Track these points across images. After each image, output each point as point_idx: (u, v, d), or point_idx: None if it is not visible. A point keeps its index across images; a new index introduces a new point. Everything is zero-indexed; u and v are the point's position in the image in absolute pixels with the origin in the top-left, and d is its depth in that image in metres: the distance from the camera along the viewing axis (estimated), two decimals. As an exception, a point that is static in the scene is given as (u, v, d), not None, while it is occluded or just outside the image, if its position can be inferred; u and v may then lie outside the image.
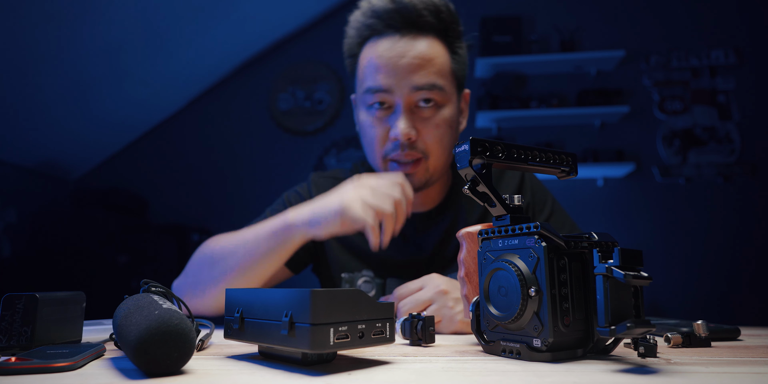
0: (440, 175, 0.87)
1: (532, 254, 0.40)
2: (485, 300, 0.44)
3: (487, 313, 0.44)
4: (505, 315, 0.41)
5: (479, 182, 0.45)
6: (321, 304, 0.36)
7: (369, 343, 0.39)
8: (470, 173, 0.44)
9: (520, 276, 0.40)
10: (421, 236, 0.90)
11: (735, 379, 0.34)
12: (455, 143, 0.86)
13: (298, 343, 0.36)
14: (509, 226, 0.43)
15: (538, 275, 0.40)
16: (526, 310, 0.40)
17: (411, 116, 0.79)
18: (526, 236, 0.41)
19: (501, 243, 0.44)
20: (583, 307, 0.41)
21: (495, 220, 0.45)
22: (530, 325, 0.40)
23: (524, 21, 2.88)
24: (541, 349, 0.40)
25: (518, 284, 0.40)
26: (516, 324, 0.41)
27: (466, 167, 0.44)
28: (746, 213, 2.60)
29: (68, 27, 2.13)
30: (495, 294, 0.43)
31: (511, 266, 0.41)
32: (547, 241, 0.40)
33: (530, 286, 0.40)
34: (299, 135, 3.07)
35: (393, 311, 0.41)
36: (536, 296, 0.39)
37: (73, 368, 0.38)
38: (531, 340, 0.40)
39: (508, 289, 0.41)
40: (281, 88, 3.11)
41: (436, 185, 0.89)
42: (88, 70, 2.43)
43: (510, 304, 0.41)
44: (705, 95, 2.73)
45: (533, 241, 0.40)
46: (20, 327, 0.45)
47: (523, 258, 0.41)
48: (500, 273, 0.42)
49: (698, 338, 0.50)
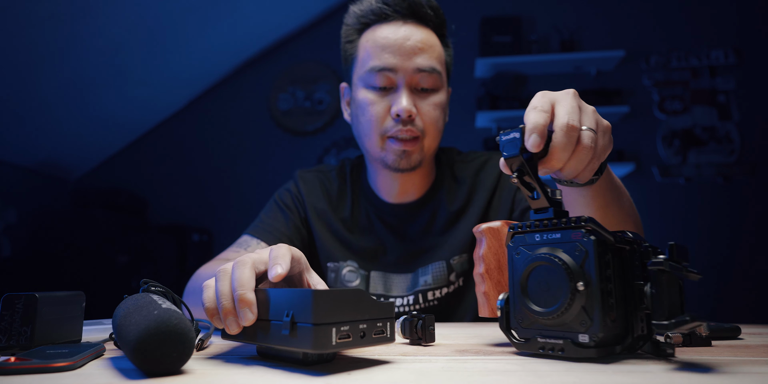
0: (429, 160, 0.90)
1: (580, 248, 0.39)
2: (522, 295, 0.42)
3: (522, 309, 0.43)
4: (548, 311, 0.40)
5: (526, 172, 0.43)
6: (323, 304, 0.36)
7: (370, 343, 0.39)
8: (518, 162, 0.43)
9: (568, 270, 0.39)
10: (404, 226, 0.93)
11: (735, 378, 0.34)
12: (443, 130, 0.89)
13: (299, 343, 0.36)
14: (553, 219, 0.42)
15: (586, 269, 0.39)
16: (573, 305, 0.39)
17: (411, 95, 0.84)
18: (572, 229, 0.40)
19: (538, 237, 0.43)
20: (623, 303, 0.40)
21: (534, 213, 0.44)
22: (576, 321, 0.39)
23: (524, 21, 2.88)
24: (589, 344, 0.39)
25: (565, 278, 0.39)
26: (559, 320, 0.40)
27: (516, 156, 0.42)
28: (746, 213, 2.60)
29: (68, 27, 2.13)
30: (535, 289, 0.42)
31: (556, 260, 0.40)
32: (596, 235, 0.39)
33: (578, 280, 0.39)
34: (299, 135, 3.07)
35: (393, 311, 0.41)
36: (584, 291, 0.38)
37: (73, 368, 0.38)
38: (576, 335, 0.39)
39: (551, 283, 0.40)
40: (281, 88, 3.11)
41: (421, 176, 0.92)
42: (88, 70, 2.43)
43: (554, 299, 0.40)
44: (705, 95, 2.73)
45: (581, 235, 0.40)
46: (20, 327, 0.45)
47: (568, 252, 0.40)
48: (543, 267, 0.41)
49: (699, 337, 0.50)
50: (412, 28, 0.84)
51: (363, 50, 0.86)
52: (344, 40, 0.91)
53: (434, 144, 0.88)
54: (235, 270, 0.43)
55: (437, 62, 0.85)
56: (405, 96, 0.82)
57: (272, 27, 2.96)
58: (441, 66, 0.86)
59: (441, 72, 0.85)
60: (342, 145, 3.02)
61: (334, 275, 0.92)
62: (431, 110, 0.85)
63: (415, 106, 0.83)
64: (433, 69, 0.84)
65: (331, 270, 0.92)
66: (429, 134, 0.85)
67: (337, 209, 0.95)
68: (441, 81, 0.86)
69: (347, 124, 3.02)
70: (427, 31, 0.86)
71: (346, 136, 3.01)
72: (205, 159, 3.13)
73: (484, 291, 0.50)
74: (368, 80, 0.84)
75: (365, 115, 0.85)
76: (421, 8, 0.85)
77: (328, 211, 0.94)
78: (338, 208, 0.95)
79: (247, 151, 3.09)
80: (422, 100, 0.84)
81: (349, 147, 3.01)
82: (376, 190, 0.94)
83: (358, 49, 0.88)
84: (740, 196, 2.63)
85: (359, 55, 0.87)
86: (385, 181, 0.92)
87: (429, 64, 0.83)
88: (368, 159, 0.92)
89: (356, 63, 0.88)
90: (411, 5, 0.85)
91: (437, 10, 0.87)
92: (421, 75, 0.83)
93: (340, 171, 0.99)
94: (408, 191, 0.92)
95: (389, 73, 0.83)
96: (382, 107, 0.84)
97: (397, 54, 0.82)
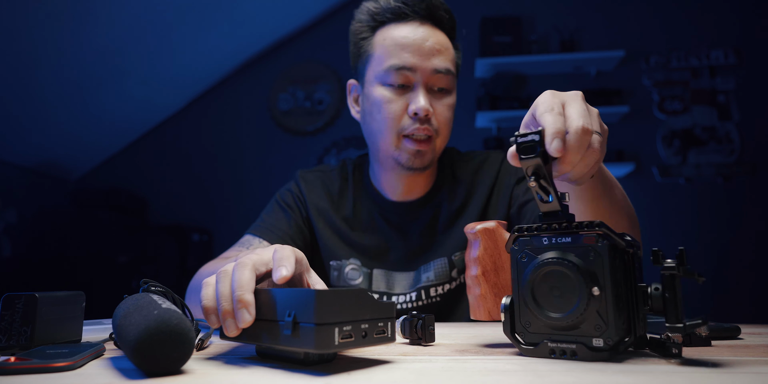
0: (436, 160, 0.91)
1: (593, 252, 0.40)
2: (531, 299, 0.42)
3: (529, 313, 0.42)
4: (562, 316, 0.40)
5: (542, 175, 0.42)
6: (325, 305, 0.36)
7: (372, 343, 0.39)
8: (536, 165, 0.42)
9: (584, 275, 0.39)
10: (407, 224, 0.93)
11: (735, 378, 0.34)
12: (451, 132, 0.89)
13: (302, 343, 0.36)
14: (566, 222, 0.42)
15: (599, 274, 0.39)
16: (587, 310, 0.39)
17: (428, 95, 0.85)
18: (584, 234, 0.41)
19: (546, 240, 0.42)
20: (626, 305, 0.41)
21: (543, 217, 0.43)
22: (590, 325, 0.39)
23: (524, 21, 2.88)
24: (603, 348, 0.39)
25: (581, 283, 0.39)
26: (571, 324, 0.40)
27: (535, 158, 0.41)
28: (746, 213, 2.60)
29: (68, 27, 2.13)
30: (546, 294, 0.41)
31: (571, 265, 0.40)
32: (608, 239, 0.40)
33: (594, 285, 0.39)
34: (299, 135, 3.07)
35: (394, 310, 0.41)
36: (600, 295, 0.39)
37: (73, 368, 0.38)
38: (590, 340, 0.39)
39: (564, 288, 0.40)
40: (281, 88, 3.11)
41: (426, 175, 0.93)
42: (88, 71, 2.43)
43: (568, 304, 0.40)
44: (705, 95, 2.73)
45: (594, 239, 0.40)
46: (20, 327, 0.45)
47: (582, 256, 0.40)
48: (555, 272, 0.41)
49: (698, 337, 0.50)
50: (429, 29, 0.86)
51: (380, 48, 0.87)
52: (356, 37, 0.91)
53: (444, 144, 0.90)
54: (235, 271, 0.43)
55: (451, 64, 0.87)
56: (423, 95, 0.84)
57: (272, 27, 2.96)
58: (454, 68, 0.88)
59: (454, 74, 0.88)
60: (342, 145, 3.02)
61: (336, 273, 0.92)
62: (445, 111, 0.87)
63: (431, 105, 0.85)
64: (449, 71, 0.86)
65: (334, 268, 0.92)
66: (441, 134, 0.87)
67: (339, 208, 0.96)
68: (453, 83, 0.88)
69: (347, 124, 3.03)
70: (442, 33, 0.88)
71: (346, 136, 3.01)
72: (205, 159, 3.13)
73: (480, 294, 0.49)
74: (386, 78, 0.85)
75: (381, 113, 0.86)
76: (437, 11, 0.87)
77: (329, 210, 0.95)
78: (340, 207, 0.96)
79: (247, 151, 3.09)
80: (437, 101, 0.86)
81: (349, 147, 3.01)
82: (380, 188, 0.95)
83: (374, 46, 0.88)
84: (740, 196, 2.62)
85: (375, 53, 0.88)
86: (390, 180, 0.92)
87: (445, 65, 0.85)
88: (377, 157, 0.92)
89: (371, 60, 0.88)
90: (429, 7, 0.86)
91: (450, 14, 0.89)
92: (438, 76, 0.85)
93: (341, 170, 0.99)
94: (412, 190, 0.93)
95: (408, 72, 0.84)
96: (399, 106, 0.85)
97: (416, 54, 0.84)
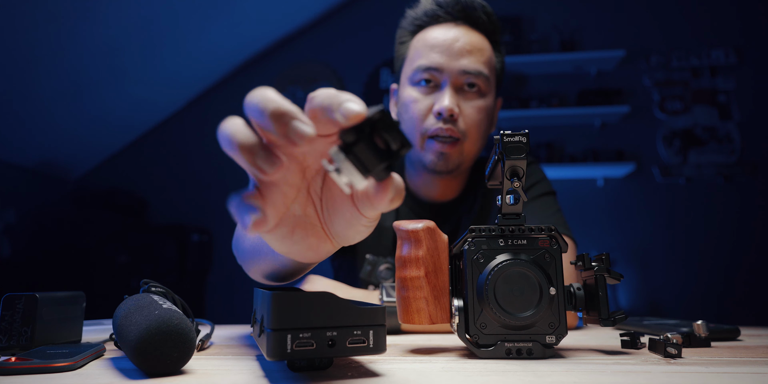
0: (469, 164, 0.90)
1: (548, 254, 0.43)
2: (488, 301, 0.42)
3: (485, 315, 0.43)
4: (522, 315, 0.42)
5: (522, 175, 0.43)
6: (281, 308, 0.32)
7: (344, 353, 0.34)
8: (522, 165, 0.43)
9: (541, 275, 0.42)
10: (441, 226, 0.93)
11: (735, 379, 0.34)
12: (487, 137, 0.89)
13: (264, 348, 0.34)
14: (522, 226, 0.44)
15: (552, 275, 0.43)
16: (545, 309, 0.42)
17: (455, 95, 0.83)
18: (538, 237, 0.44)
19: (502, 242, 0.44)
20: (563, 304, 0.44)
21: (503, 218, 0.44)
22: (544, 323, 0.42)
23: (524, 21, 2.88)
24: (555, 344, 0.42)
25: (541, 283, 0.42)
26: (529, 323, 0.42)
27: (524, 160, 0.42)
28: (746, 213, 2.60)
29: (67, 27, 2.13)
30: (506, 294, 0.42)
31: (530, 266, 0.42)
32: (559, 243, 0.44)
33: (551, 285, 0.42)
34: (299, 135, 3.07)
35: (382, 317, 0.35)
36: (555, 295, 0.42)
37: (73, 368, 0.38)
38: (544, 337, 0.42)
39: (525, 288, 0.42)
40: (281, 88, 3.10)
41: (461, 178, 0.93)
42: (87, 70, 2.43)
43: (528, 304, 0.42)
44: (705, 95, 2.73)
45: (549, 242, 0.43)
46: (20, 327, 0.45)
47: (539, 258, 0.43)
48: (514, 272, 0.42)
49: (698, 338, 0.50)
50: (463, 30, 0.85)
51: (413, 50, 0.88)
52: (397, 42, 0.93)
53: (475, 148, 0.87)
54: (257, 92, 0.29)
55: (485, 66, 0.84)
56: (448, 95, 0.82)
57: (272, 27, 2.96)
58: (489, 71, 0.86)
59: (488, 76, 0.85)
60: (342, 145, 3.02)
61: (370, 268, 0.92)
62: (474, 113, 0.84)
63: (459, 106, 0.83)
64: (480, 72, 0.83)
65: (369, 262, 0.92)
66: (470, 137, 0.84)
67: None
68: (488, 85, 0.85)
69: (347, 124, 3.02)
70: (478, 34, 0.86)
71: (346, 136, 3.01)
72: (204, 159, 3.13)
73: (422, 296, 0.46)
74: (414, 78, 0.85)
75: (408, 113, 0.86)
76: (474, 12, 0.86)
77: None
78: None
79: (247, 151, 3.09)
80: (466, 102, 0.84)
81: (349, 147, 3.01)
82: (416, 189, 0.95)
83: (409, 49, 0.89)
84: (740, 196, 2.63)
85: (409, 55, 0.88)
86: (425, 182, 0.92)
87: (475, 67, 0.83)
88: (409, 158, 0.93)
89: (405, 62, 0.89)
90: (464, 8, 0.86)
91: (491, 16, 0.88)
92: (467, 77, 0.83)
93: None
94: (447, 193, 0.94)
95: (435, 72, 0.83)
96: (425, 105, 0.84)
97: (444, 54, 0.83)
